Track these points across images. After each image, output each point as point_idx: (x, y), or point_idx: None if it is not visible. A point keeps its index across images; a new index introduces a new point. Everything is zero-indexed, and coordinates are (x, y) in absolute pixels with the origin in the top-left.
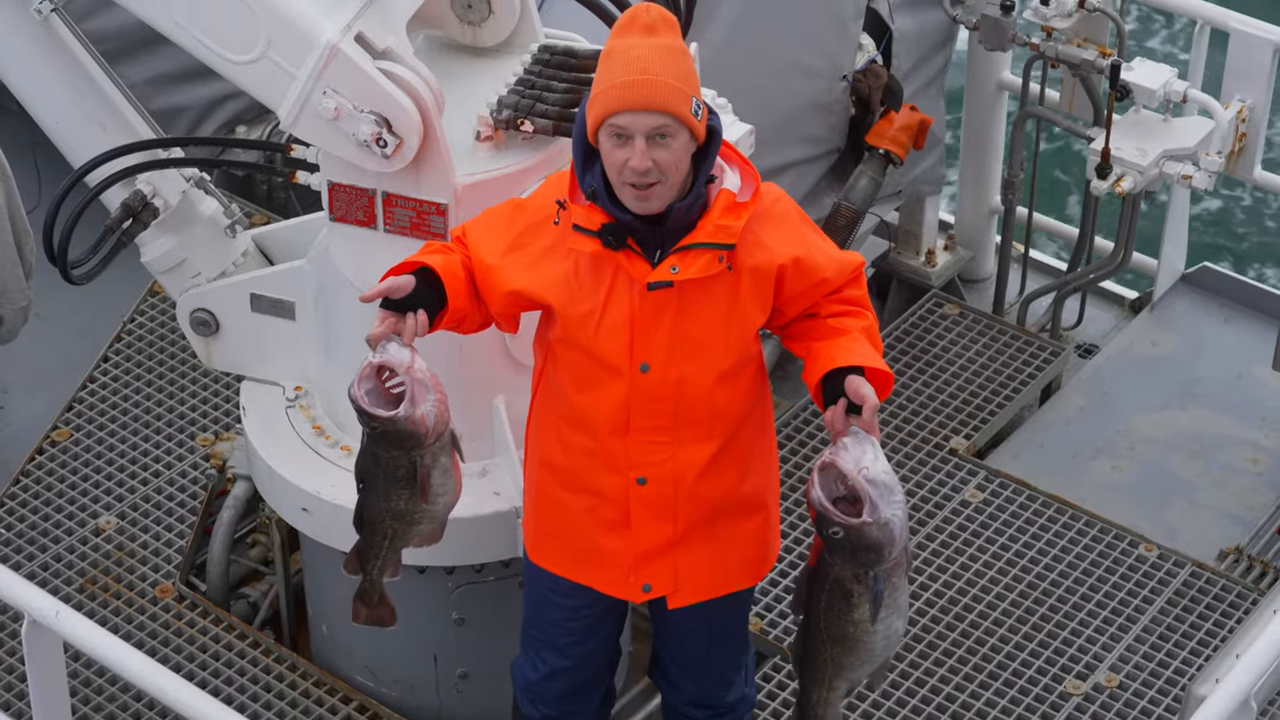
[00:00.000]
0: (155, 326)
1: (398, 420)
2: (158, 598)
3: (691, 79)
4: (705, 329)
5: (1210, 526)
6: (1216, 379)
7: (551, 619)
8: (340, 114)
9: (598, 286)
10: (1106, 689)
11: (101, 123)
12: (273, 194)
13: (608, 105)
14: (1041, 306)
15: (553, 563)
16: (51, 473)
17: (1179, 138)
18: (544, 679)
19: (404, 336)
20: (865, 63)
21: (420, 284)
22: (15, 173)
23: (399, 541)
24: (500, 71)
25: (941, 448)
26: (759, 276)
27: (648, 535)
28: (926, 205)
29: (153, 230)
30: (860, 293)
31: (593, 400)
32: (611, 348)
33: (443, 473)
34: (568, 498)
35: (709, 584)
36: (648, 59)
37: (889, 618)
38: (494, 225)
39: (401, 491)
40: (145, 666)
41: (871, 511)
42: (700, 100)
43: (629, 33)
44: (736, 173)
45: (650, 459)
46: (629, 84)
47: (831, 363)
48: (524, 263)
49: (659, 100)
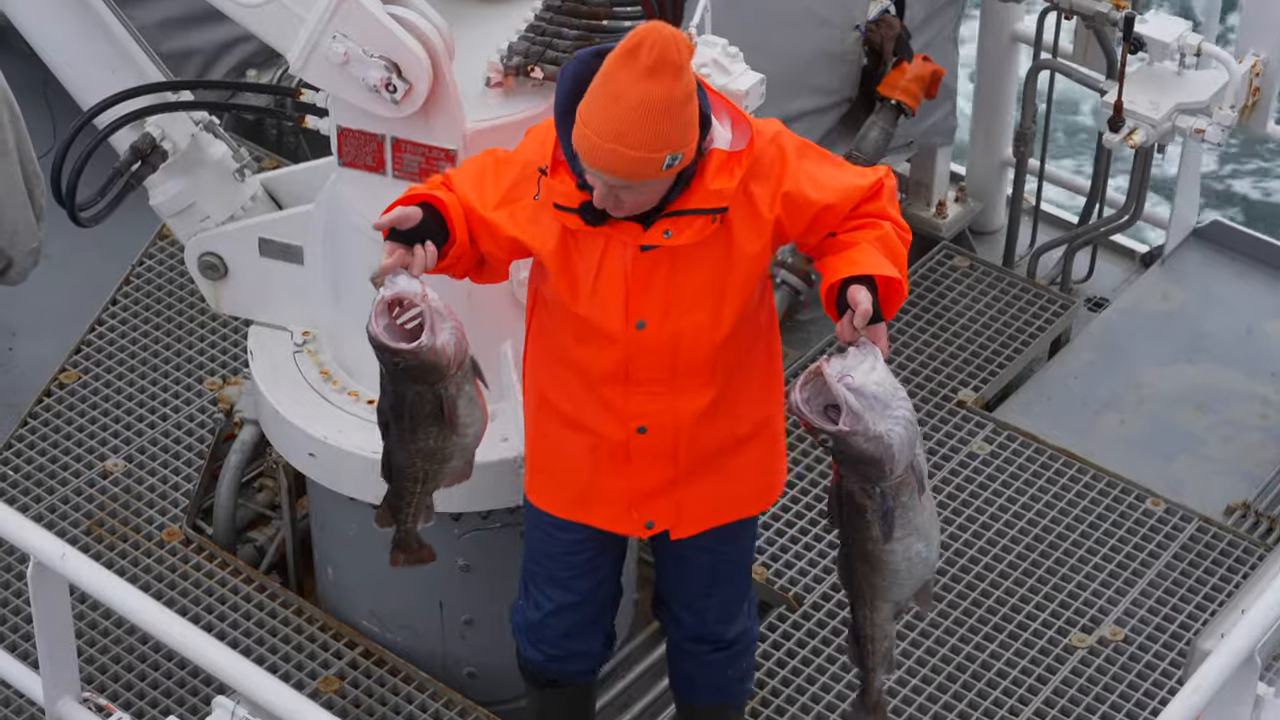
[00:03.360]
0: (164, 270)
1: (420, 351)
2: (164, 541)
3: (674, 136)
4: (700, 283)
5: (1217, 481)
6: (1226, 334)
7: (553, 553)
8: (349, 59)
9: (592, 247)
10: (1111, 643)
11: (111, 65)
12: (282, 138)
13: (581, 146)
14: (1052, 259)
15: (551, 503)
16: (59, 415)
17: (1192, 91)
18: (547, 616)
19: (413, 269)
20: (878, 12)
21: (425, 217)
22: (27, 115)
23: (431, 483)
24: (511, 18)
25: (950, 400)
26: (751, 227)
27: (649, 476)
28: (938, 156)
29: (161, 173)
30: (878, 205)
31: (590, 354)
32: (607, 308)
33: (468, 401)
34: (568, 435)
35: (712, 513)
36: (628, 122)
37: (905, 538)
38: (482, 177)
39: (430, 429)
40: (151, 610)
41: (853, 421)
42: (682, 149)
43: (631, 64)
44: (727, 123)
45: (649, 408)
46: (599, 146)
47: (835, 275)
48: (520, 216)
49: (622, 172)
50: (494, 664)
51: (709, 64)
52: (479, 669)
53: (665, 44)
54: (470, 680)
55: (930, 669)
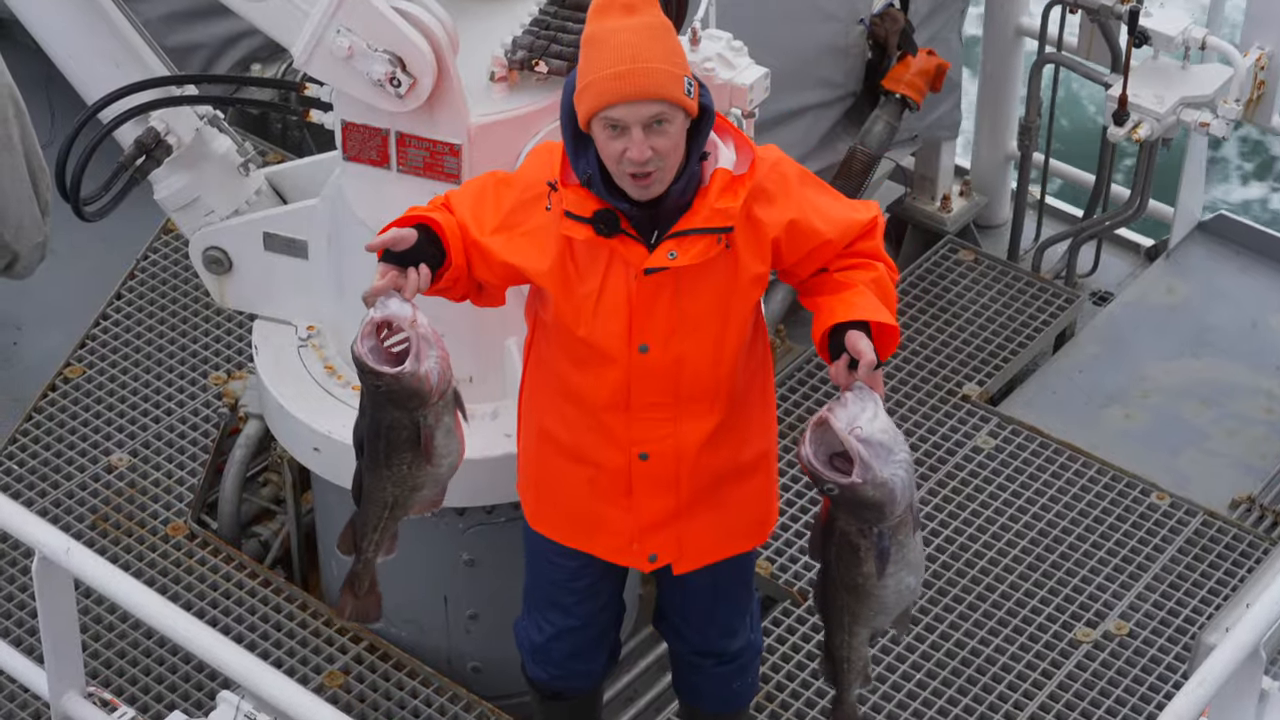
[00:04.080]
0: (168, 264)
1: (403, 377)
2: (169, 535)
3: (680, 56)
4: (704, 306)
5: (1222, 475)
6: (1231, 327)
7: (555, 579)
8: (354, 53)
9: (593, 269)
10: (1116, 637)
11: (116, 60)
12: (287, 132)
13: (600, 98)
14: (1057, 253)
15: (553, 530)
16: (64, 409)
17: (1197, 85)
18: (550, 639)
19: (405, 291)
20: (882, 6)
21: (421, 239)
22: (30, 109)
23: (399, 510)
24: (515, 12)
25: (954, 394)
26: (755, 251)
27: (651, 507)
28: (942, 150)
29: (166, 168)
30: (872, 244)
31: (592, 379)
32: (610, 331)
33: (446, 433)
34: (568, 467)
35: (713, 548)
36: (635, 44)
37: (898, 572)
38: (481, 200)
39: (404, 455)
40: (156, 604)
41: (864, 472)
42: (691, 77)
43: (608, 15)
44: (730, 145)
45: (652, 434)
46: (620, 75)
47: (833, 317)
48: (517, 242)
49: (653, 89)
50: (499, 658)
51: (713, 58)
52: (484, 663)
53: None
54: (475, 675)
55: (935, 663)
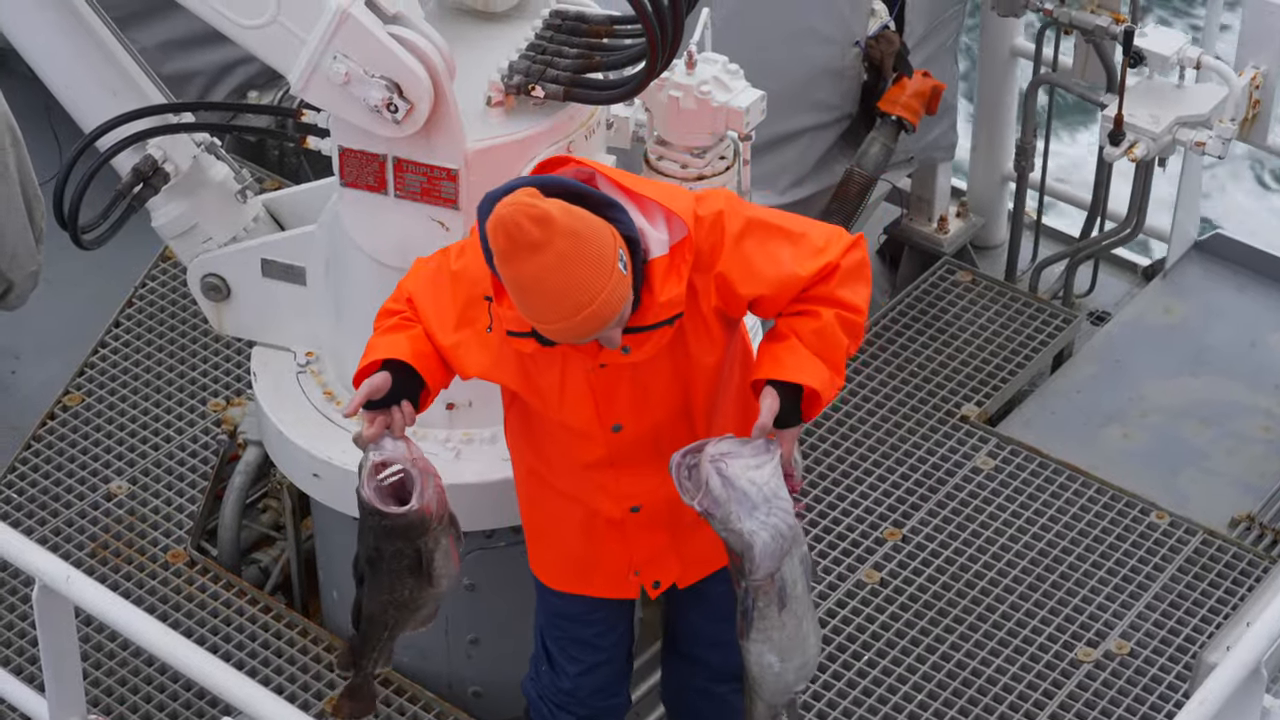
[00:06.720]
0: (166, 292)
1: (410, 515)
2: (169, 563)
3: (607, 263)
4: (666, 381)
5: (1222, 494)
6: (1229, 347)
7: (571, 615)
8: (350, 79)
9: (550, 364)
10: (1117, 656)
11: (112, 88)
12: (284, 159)
13: (547, 334)
14: (1054, 273)
15: (553, 578)
16: (63, 438)
17: (1192, 104)
18: (579, 677)
19: (394, 431)
20: (878, 28)
21: (395, 378)
22: (31, 139)
23: (398, 630)
24: (511, 36)
25: (953, 415)
26: (704, 333)
27: (646, 545)
28: (939, 172)
29: (164, 195)
30: (826, 289)
31: (575, 448)
32: (580, 416)
33: (444, 555)
34: (561, 504)
35: (717, 556)
36: (561, 290)
37: (759, 644)
38: (438, 296)
39: (407, 580)
40: (156, 631)
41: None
42: (613, 253)
43: (515, 258)
44: (660, 223)
45: (641, 488)
46: (562, 330)
47: (759, 371)
48: (476, 342)
49: (597, 326)
50: (499, 683)
51: (710, 81)
52: (485, 688)
53: (524, 219)
54: (476, 699)
55: (937, 684)
